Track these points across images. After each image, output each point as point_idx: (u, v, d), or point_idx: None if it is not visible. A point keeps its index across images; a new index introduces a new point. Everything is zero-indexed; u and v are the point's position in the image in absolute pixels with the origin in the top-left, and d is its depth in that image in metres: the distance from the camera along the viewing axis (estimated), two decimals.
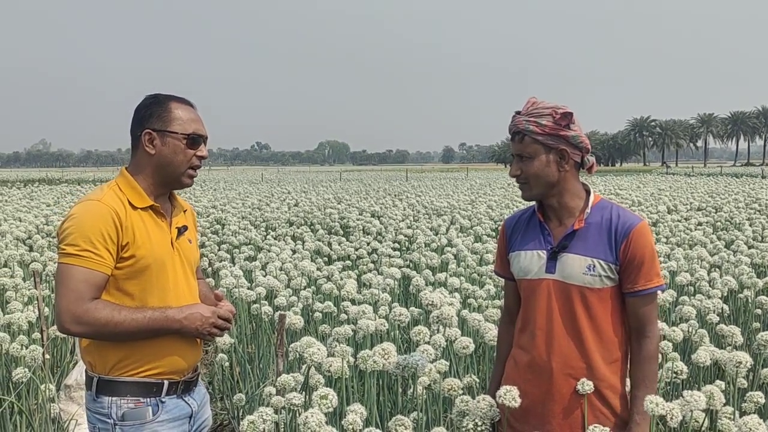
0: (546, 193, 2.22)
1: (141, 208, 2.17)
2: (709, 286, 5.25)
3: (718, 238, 8.35)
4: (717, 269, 6.34)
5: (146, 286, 2.13)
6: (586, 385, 2.14)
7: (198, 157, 2.24)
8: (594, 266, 2.15)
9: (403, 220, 11.95)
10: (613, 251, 2.16)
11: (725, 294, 5.25)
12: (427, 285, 5.44)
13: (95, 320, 2.02)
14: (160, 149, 2.19)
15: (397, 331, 4.65)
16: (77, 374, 4.19)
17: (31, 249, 8.36)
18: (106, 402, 2.13)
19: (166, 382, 2.17)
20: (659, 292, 2.26)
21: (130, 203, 2.15)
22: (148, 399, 2.14)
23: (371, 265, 7.04)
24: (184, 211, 2.36)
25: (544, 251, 2.23)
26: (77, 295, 2.02)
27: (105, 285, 2.08)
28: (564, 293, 2.19)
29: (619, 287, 2.19)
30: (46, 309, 5.02)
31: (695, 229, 9.40)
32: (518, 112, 2.22)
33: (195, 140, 2.22)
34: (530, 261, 2.25)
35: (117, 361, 2.12)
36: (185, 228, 2.31)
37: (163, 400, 2.17)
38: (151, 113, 2.19)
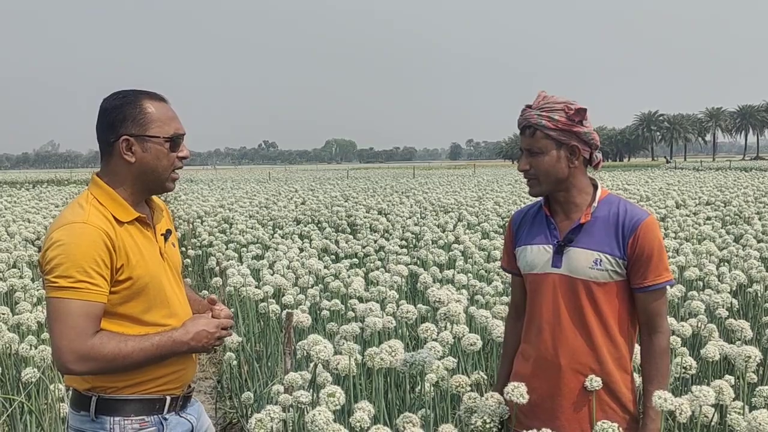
0: (554, 188, 2.20)
1: (127, 222, 1.99)
2: (718, 280, 5.22)
3: (727, 233, 8.31)
4: (726, 264, 6.30)
5: (145, 306, 2.00)
6: (594, 382, 2.12)
7: (180, 158, 2.06)
8: (601, 260, 2.14)
9: (410, 218, 11.95)
10: (620, 246, 2.14)
11: (734, 288, 5.22)
12: (434, 282, 5.43)
13: (102, 357, 1.87)
14: (141, 156, 1.99)
15: (405, 329, 4.65)
16: None
17: (39, 249, 8.40)
18: (107, 422, 1.98)
19: (168, 398, 2.06)
20: (668, 286, 2.24)
21: (115, 219, 1.97)
22: (152, 417, 2.02)
23: (378, 263, 7.04)
24: (160, 211, 2.18)
25: (550, 245, 2.21)
26: (78, 331, 1.84)
27: (102, 314, 1.93)
28: (570, 288, 2.17)
29: (627, 282, 2.17)
30: None
31: (704, 224, 9.35)
32: (529, 106, 2.18)
33: (176, 141, 2.03)
34: (536, 255, 2.24)
35: (125, 386, 1.99)
36: (169, 233, 2.17)
37: (166, 417, 2.05)
38: (125, 116, 1.98)
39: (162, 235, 2.13)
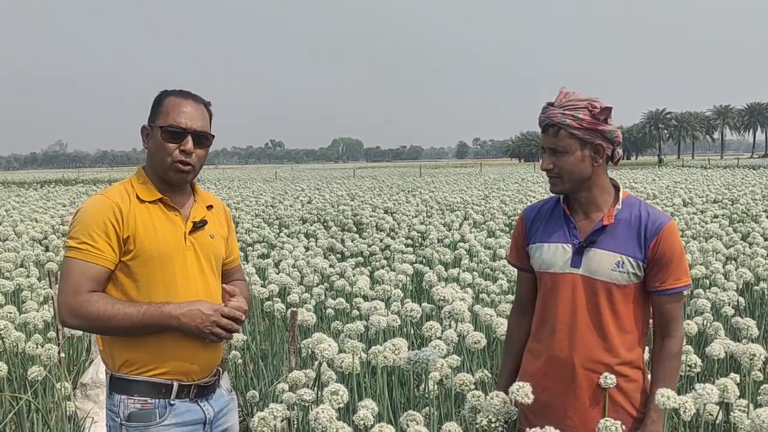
0: (577, 188, 2.17)
1: (150, 202, 2.14)
2: (725, 278, 5.21)
3: (734, 231, 8.28)
4: (733, 261, 6.28)
5: (151, 280, 2.10)
6: (608, 379, 2.11)
7: (181, 150, 2.13)
8: (623, 263, 2.12)
9: (416, 216, 11.95)
10: (642, 249, 2.12)
11: (741, 286, 5.20)
12: (439, 281, 5.43)
13: (88, 313, 2.01)
14: (150, 145, 2.16)
15: (410, 327, 4.65)
16: (93, 372, 4.22)
17: (47, 249, 8.44)
18: (116, 400, 2.11)
19: (175, 384, 2.12)
20: (685, 291, 2.22)
21: (138, 197, 2.13)
22: (156, 400, 2.10)
23: (384, 262, 7.04)
24: (209, 207, 2.29)
25: (570, 245, 2.18)
26: (74, 288, 2.02)
27: (106, 279, 2.07)
28: (590, 288, 2.15)
29: (643, 284, 2.16)
30: None
31: (711, 222, 9.32)
32: (550, 104, 2.14)
33: (172, 133, 2.12)
34: (554, 254, 2.20)
35: (124, 360, 2.10)
36: (203, 222, 2.23)
37: (173, 402, 2.11)
38: (152, 108, 2.17)
39: (193, 222, 2.20)
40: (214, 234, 2.27)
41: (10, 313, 4.33)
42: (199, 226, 2.21)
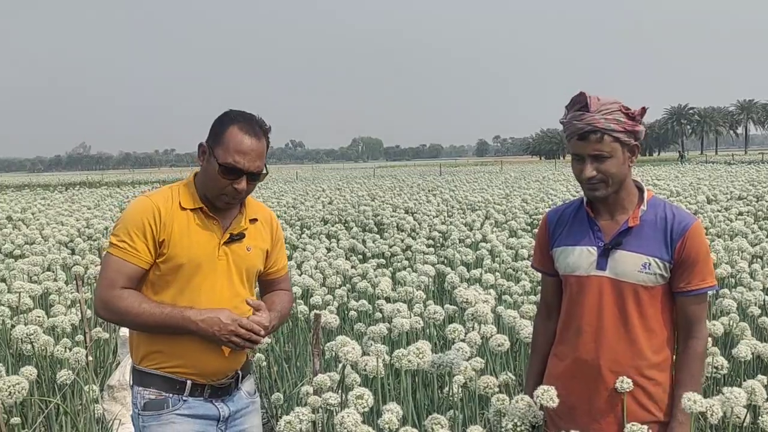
0: (616, 189, 2.15)
1: (190, 209, 2.22)
2: (751, 277, 5.15)
3: (760, 228, 8.18)
4: (759, 260, 6.21)
5: (180, 285, 2.19)
6: (624, 383, 2.10)
7: (234, 188, 2.19)
8: (650, 264, 2.11)
9: (437, 216, 11.94)
10: (668, 250, 2.11)
11: (767, 286, 5.14)
12: (461, 282, 5.43)
13: (117, 308, 2.14)
14: (205, 167, 2.22)
15: (433, 329, 4.66)
16: (120, 375, 4.29)
17: (73, 252, 8.55)
18: (136, 391, 2.24)
19: (189, 382, 2.21)
20: (710, 292, 2.21)
21: (180, 204, 2.22)
22: (171, 394, 2.21)
23: (405, 263, 7.05)
24: (253, 220, 2.33)
25: (595, 247, 2.17)
26: (108, 282, 2.15)
27: (140, 277, 2.18)
28: (616, 291, 2.14)
29: (669, 285, 2.15)
30: (89, 312, 5.14)
31: (736, 219, 9.22)
32: (581, 110, 2.10)
33: (229, 170, 2.17)
34: (579, 257, 2.20)
35: (146, 353, 2.22)
36: (241, 235, 2.28)
37: (185, 399, 2.22)
38: (214, 128, 2.21)
39: (231, 233, 2.26)
40: (252, 247, 2.32)
41: (39, 317, 4.39)
42: (235, 238, 2.27)
